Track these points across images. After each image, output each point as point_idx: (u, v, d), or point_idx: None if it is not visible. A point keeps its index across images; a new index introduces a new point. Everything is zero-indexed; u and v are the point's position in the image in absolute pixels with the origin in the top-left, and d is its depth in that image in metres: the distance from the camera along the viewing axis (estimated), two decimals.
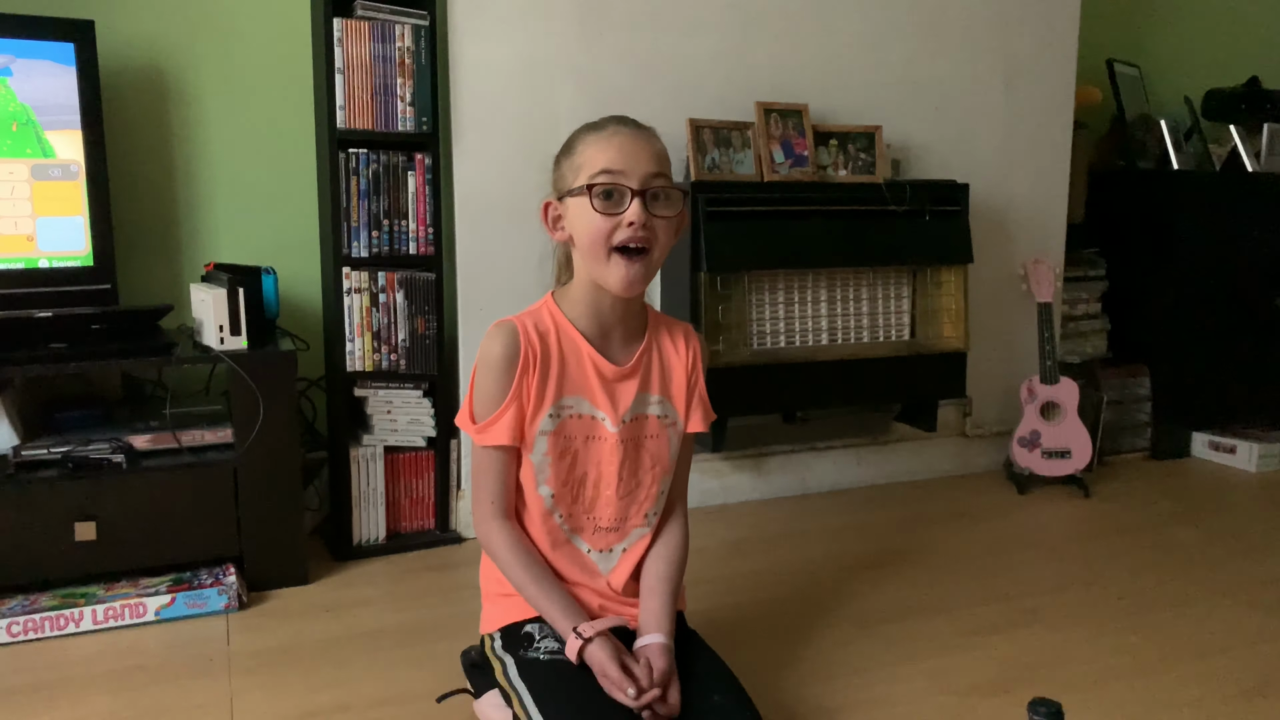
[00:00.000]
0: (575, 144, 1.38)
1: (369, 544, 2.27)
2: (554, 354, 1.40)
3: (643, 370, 1.46)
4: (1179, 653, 1.80)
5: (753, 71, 2.53)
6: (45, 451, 1.92)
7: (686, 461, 1.55)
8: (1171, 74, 3.55)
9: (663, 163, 1.37)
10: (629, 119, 1.39)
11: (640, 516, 1.47)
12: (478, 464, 1.43)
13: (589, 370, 1.42)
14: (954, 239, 2.57)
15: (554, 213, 1.41)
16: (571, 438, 1.42)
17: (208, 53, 2.38)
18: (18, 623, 1.79)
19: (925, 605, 2.00)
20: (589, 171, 1.33)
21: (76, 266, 2.11)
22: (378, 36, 2.14)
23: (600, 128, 1.37)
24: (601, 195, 1.32)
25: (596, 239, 1.33)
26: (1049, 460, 2.76)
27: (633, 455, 1.45)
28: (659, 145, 1.38)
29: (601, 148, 1.33)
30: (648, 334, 1.48)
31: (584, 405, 1.43)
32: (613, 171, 1.32)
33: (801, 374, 2.45)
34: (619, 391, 1.44)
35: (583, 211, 1.33)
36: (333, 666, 1.73)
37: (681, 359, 1.50)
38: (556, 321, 1.42)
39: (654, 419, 1.47)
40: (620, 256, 1.34)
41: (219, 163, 2.42)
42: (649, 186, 1.33)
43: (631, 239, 1.32)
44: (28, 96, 2.03)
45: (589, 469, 1.44)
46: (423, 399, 2.27)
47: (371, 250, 2.20)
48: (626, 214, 1.32)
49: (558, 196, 1.40)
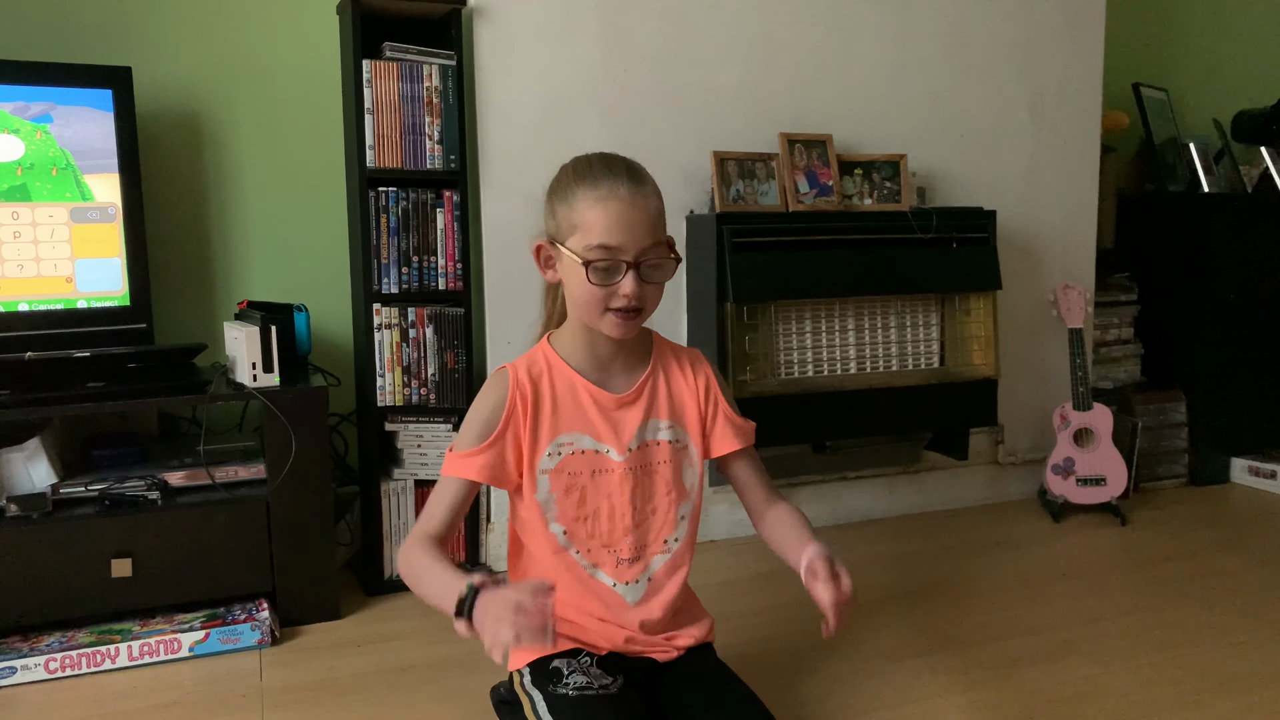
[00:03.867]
0: (571, 196, 1.34)
1: (400, 579, 2.27)
2: (546, 394, 1.41)
3: (647, 397, 1.45)
4: (1221, 686, 1.76)
5: (776, 102, 2.54)
6: (83, 489, 1.95)
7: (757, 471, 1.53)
8: (1199, 96, 3.53)
9: (658, 228, 1.34)
10: (624, 170, 1.35)
11: (660, 543, 1.46)
12: (433, 495, 1.40)
13: (586, 403, 1.42)
14: (982, 266, 2.56)
15: (546, 253, 1.40)
16: (577, 474, 1.42)
17: (240, 96, 2.43)
18: (55, 659, 1.81)
19: (958, 637, 1.97)
20: (584, 240, 1.31)
21: (114, 306, 2.15)
22: (406, 77, 2.18)
23: (595, 182, 1.32)
24: (597, 271, 1.31)
25: (591, 304, 1.33)
26: (1084, 488, 2.72)
27: (644, 483, 1.44)
28: (654, 204, 1.35)
29: (598, 215, 1.30)
30: (652, 360, 1.47)
31: (584, 440, 1.42)
32: (609, 247, 1.30)
33: (830, 404, 2.44)
34: (621, 420, 1.43)
35: (577, 275, 1.32)
36: (364, 702, 1.73)
37: (690, 384, 1.48)
38: (550, 362, 1.43)
39: (665, 444, 1.46)
40: (614, 315, 1.34)
41: (252, 203, 2.47)
42: (644, 259, 1.32)
43: (625, 307, 1.33)
44: (67, 142, 2.08)
45: (600, 503, 1.43)
46: (452, 432, 2.28)
47: (401, 286, 2.22)
48: (621, 286, 1.31)
49: (549, 239, 1.39)
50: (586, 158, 1.38)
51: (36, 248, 2.08)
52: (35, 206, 2.06)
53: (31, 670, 1.80)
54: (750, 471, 1.53)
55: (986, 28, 2.75)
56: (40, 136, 2.06)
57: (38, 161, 2.06)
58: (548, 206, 1.40)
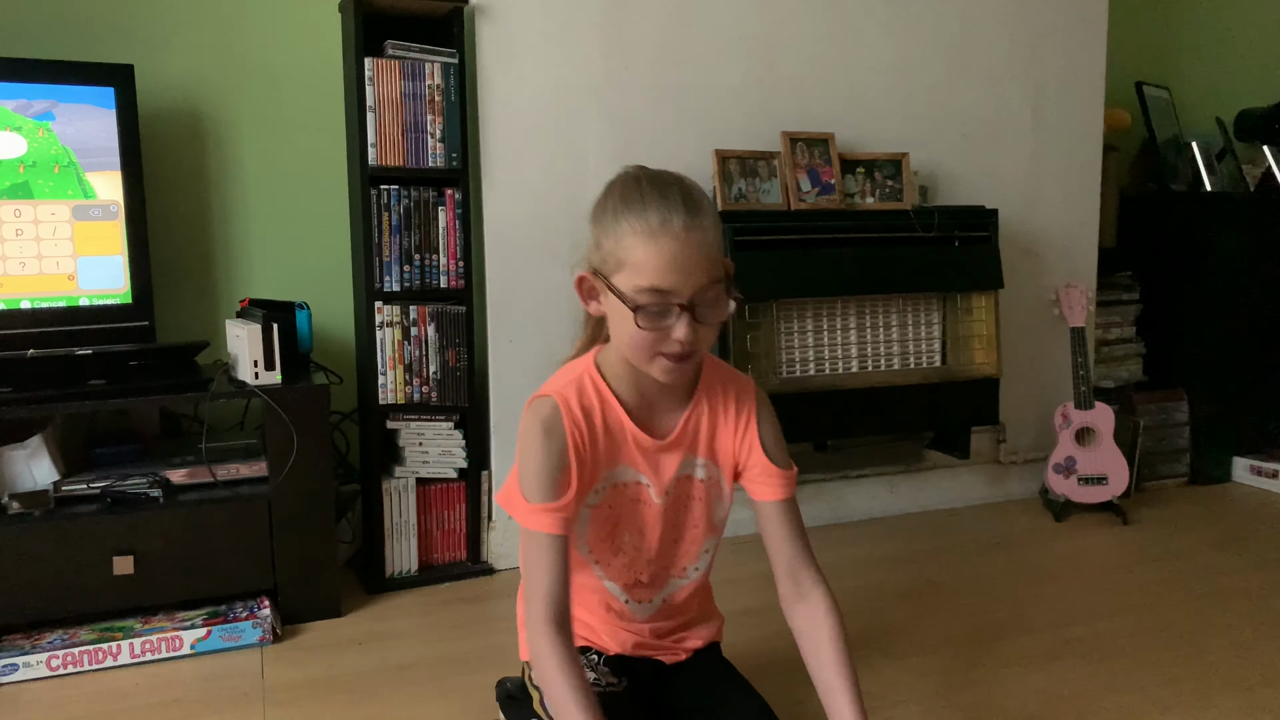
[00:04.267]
0: (619, 230, 1.19)
1: (401, 576, 2.28)
2: (599, 432, 1.30)
3: (689, 436, 1.35)
4: (1224, 685, 1.76)
5: (778, 101, 2.54)
6: (85, 486, 1.96)
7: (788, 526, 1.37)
8: (1202, 95, 3.52)
9: (714, 263, 1.20)
10: (677, 196, 1.19)
11: (679, 570, 1.44)
12: (528, 553, 1.26)
13: (630, 444, 1.33)
14: (984, 265, 2.56)
15: (589, 285, 1.27)
16: (616, 506, 1.35)
17: (242, 94, 2.43)
18: (57, 656, 1.82)
19: (960, 636, 1.97)
20: (633, 279, 1.18)
21: (116, 304, 2.15)
22: (408, 75, 2.18)
23: (644, 212, 1.17)
24: (647, 315, 1.18)
25: (639, 347, 1.21)
26: (1085, 487, 2.72)
27: (677, 519, 1.39)
28: (711, 236, 1.19)
29: (649, 252, 1.16)
30: (697, 394, 1.35)
31: (629, 473, 1.35)
32: (662, 290, 1.17)
33: (832, 402, 2.44)
34: (662, 462, 1.35)
35: (624, 317, 1.20)
36: (366, 699, 1.73)
37: (731, 423, 1.37)
38: (600, 394, 1.31)
39: (698, 481, 1.38)
40: (665, 359, 1.22)
41: (253, 201, 2.47)
42: (700, 301, 1.19)
43: (677, 353, 1.20)
44: (69, 140, 2.08)
45: (631, 529, 1.37)
46: (454, 430, 2.29)
47: (403, 284, 2.22)
48: (674, 330, 1.18)
49: (593, 271, 1.25)
50: (635, 178, 1.23)
51: (39, 245, 2.08)
52: (37, 204, 2.07)
53: (33, 667, 1.80)
54: (781, 524, 1.37)
55: (989, 26, 2.75)
56: (42, 134, 2.06)
57: (40, 159, 2.06)
58: (591, 231, 1.26)
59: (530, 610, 1.24)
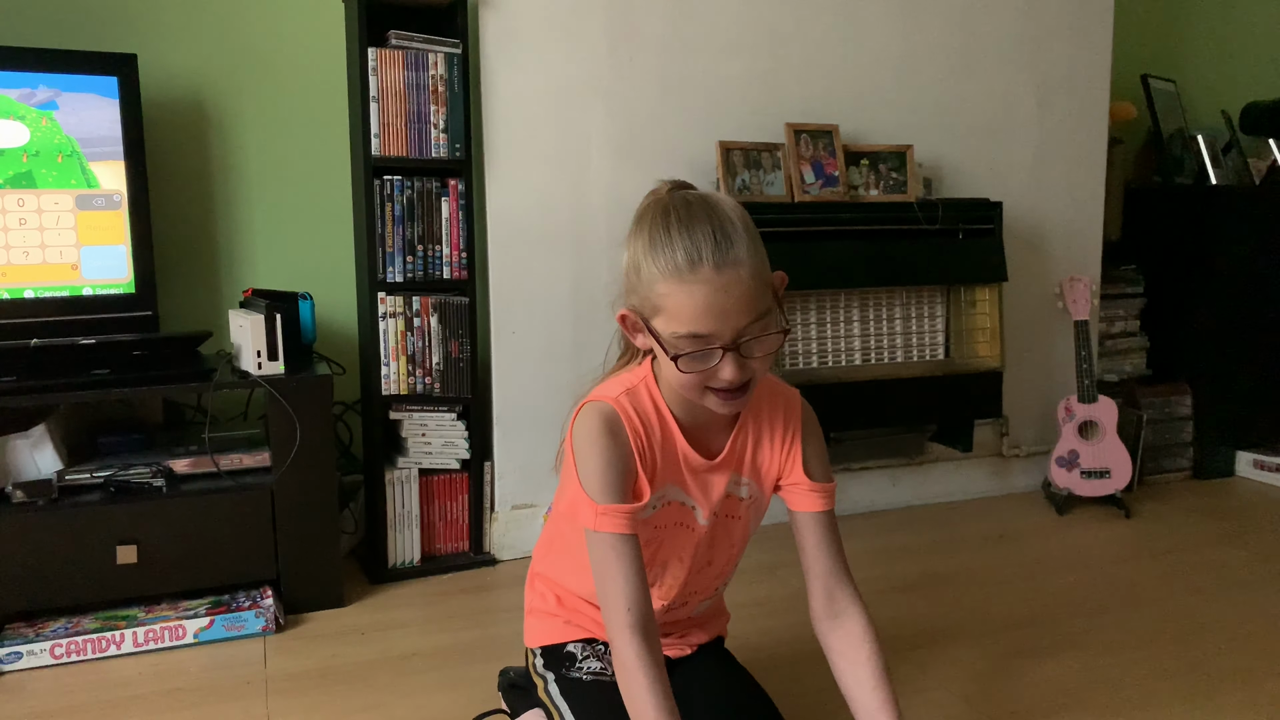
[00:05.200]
0: (650, 274, 1.14)
1: (404, 566, 2.28)
2: (657, 445, 1.26)
3: (736, 456, 1.32)
4: (1227, 678, 1.76)
5: (782, 93, 2.54)
6: (88, 476, 1.96)
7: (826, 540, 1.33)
8: (1208, 88, 3.51)
9: (757, 299, 1.13)
10: (707, 234, 1.12)
11: (709, 591, 1.43)
12: (602, 558, 1.19)
13: (680, 462, 1.29)
14: (988, 257, 2.56)
15: (632, 321, 1.21)
16: (662, 526, 1.31)
17: (246, 84, 2.43)
18: (60, 645, 1.82)
19: (962, 629, 1.97)
20: (671, 326, 1.13)
21: (119, 294, 2.15)
22: (411, 65, 2.17)
23: (672, 257, 1.11)
24: (689, 359, 1.13)
25: (687, 386, 1.17)
26: (1088, 480, 2.72)
27: (710, 543, 1.35)
28: (747, 272, 1.12)
29: (683, 300, 1.11)
30: (744, 413, 1.32)
31: (678, 493, 1.30)
32: (700, 336, 1.12)
33: (835, 395, 2.44)
34: (710, 483, 1.31)
35: (667, 359, 1.15)
36: (368, 689, 1.73)
37: (776, 439, 1.33)
38: (657, 405, 1.26)
39: (741, 501, 1.35)
40: (717, 395, 1.17)
41: (256, 191, 2.47)
42: (743, 338, 1.13)
43: (726, 389, 1.16)
44: (73, 129, 2.08)
45: (670, 557, 1.34)
46: (457, 421, 2.29)
47: (406, 275, 2.22)
48: (720, 371, 1.14)
49: (634, 310, 1.20)
50: (664, 210, 1.15)
51: (42, 234, 2.08)
52: (41, 193, 2.06)
53: (37, 655, 1.81)
54: (819, 537, 1.32)
55: (994, 18, 2.74)
56: (45, 123, 2.06)
57: (43, 148, 2.06)
58: (625, 261, 1.20)
59: (610, 618, 1.19)
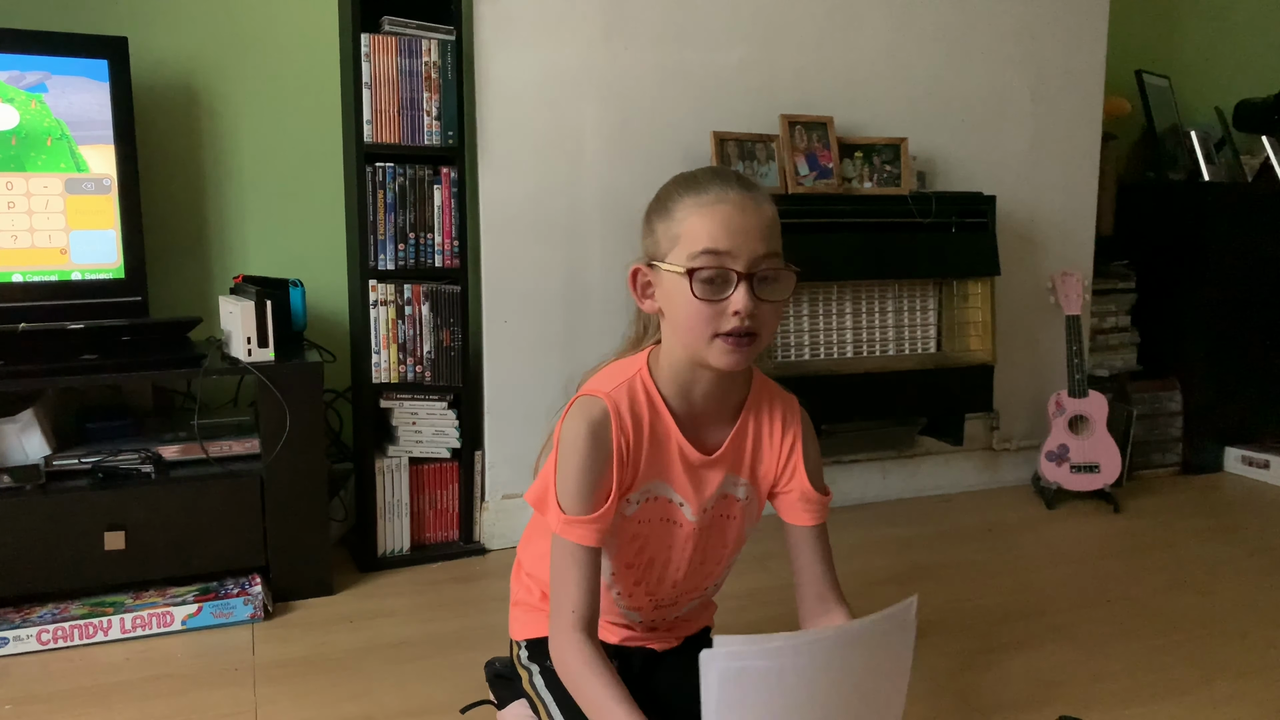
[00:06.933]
0: (672, 205, 1.20)
1: (393, 555, 2.27)
2: (646, 441, 1.26)
3: (733, 455, 1.31)
4: (1213, 672, 1.77)
5: (777, 84, 2.53)
6: (76, 461, 1.95)
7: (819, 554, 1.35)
8: (1202, 85, 3.52)
9: (773, 237, 1.18)
10: (734, 177, 1.20)
11: (700, 591, 1.43)
12: (560, 562, 1.22)
13: (674, 456, 1.28)
14: (981, 251, 2.56)
15: (643, 279, 1.24)
16: (646, 521, 1.30)
17: (238, 69, 2.41)
18: (47, 630, 1.81)
19: (950, 622, 1.98)
20: (689, 248, 1.16)
21: (108, 279, 2.14)
22: (405, 52, 2.16)
23: (701, 188, 1.18)
24: (703, 281, 1.15)
25: (696, 325, 1.17)
26: (1078, 475, 2.73)
27: (709, 541, 1.35)
28: (768, 212, 1.19)
29: (704, 219, 1.16)
30: (745, 410, 1.32)
31: (665, 489, 1.30)
32: (718, 252, 1.15)
33: (826, 387, 2.44)
34: (705, 479, 1.30)
35: (680, 292, 1.17)
36: (356, 677, 1.73)
37: (775, 443, 1.34)
38: (651, 399, 1.27)
39: (736, 502, 1.35)
40: (724, 341, 1.17)
41: (248, 176, 2.45)
42: (758, 269, 1.16)
43: (737, 329, 1.16)
44: (62, 112, 2.06)
45: (658, 553, 1.33)
46: (447, 410, 2.28)
47: (398, 263, 2.21)
48: (731, 302, 1.15)
49: (647, 262, 1.23)
50: (691, 171, 1.24)
51: (31, 218, 2.06)
52: (30, 177, 2.05)
53: (24, 641, 1.80)
54: (813, 551, 1.35)
55: (989, 11, 2.73)
56: (35, 106, 2.04)
57: (32, 131, 2.04)
58: (645, 227, 1.25)
59: (556, 618, 1.22)
